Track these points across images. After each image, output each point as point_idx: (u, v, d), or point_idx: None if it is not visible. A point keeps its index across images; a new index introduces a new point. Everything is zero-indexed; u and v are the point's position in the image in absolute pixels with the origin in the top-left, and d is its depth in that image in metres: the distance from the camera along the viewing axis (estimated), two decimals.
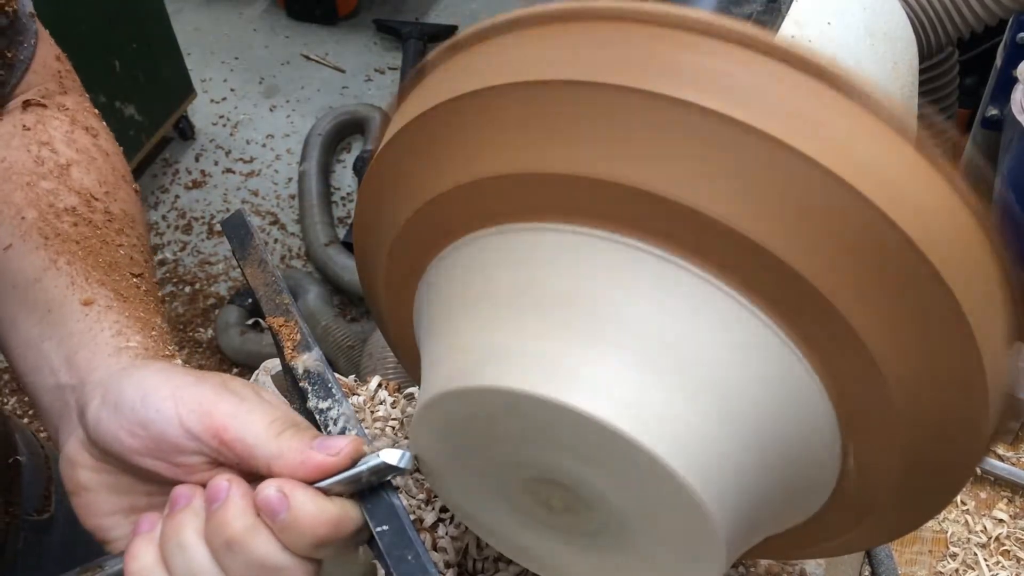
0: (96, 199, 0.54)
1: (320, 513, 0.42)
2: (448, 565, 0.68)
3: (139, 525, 0.44)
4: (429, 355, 0.46)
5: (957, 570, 0.71)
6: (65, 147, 0.56)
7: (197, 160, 2.55)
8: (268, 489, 0.42)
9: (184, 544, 0.42)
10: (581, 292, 0.40)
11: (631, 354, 0.39)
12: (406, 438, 0.75)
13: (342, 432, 0.45)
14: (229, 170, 2.52)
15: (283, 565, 0.42)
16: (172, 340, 0.51)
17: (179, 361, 0.49)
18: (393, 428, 0.78)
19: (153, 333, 0.49)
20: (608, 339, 0.39)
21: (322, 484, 0.43)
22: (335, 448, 0.43)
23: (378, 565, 0.66)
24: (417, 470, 0.47)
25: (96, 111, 0.61)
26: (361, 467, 0.43)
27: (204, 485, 0.44)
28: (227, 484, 0.43)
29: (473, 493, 0.48)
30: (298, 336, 0.49)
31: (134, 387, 0.44)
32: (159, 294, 0.55)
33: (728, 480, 0.39)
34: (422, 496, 0.73)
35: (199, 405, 0.43)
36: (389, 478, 0.43)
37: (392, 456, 0.43)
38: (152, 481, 0.45)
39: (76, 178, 0.55)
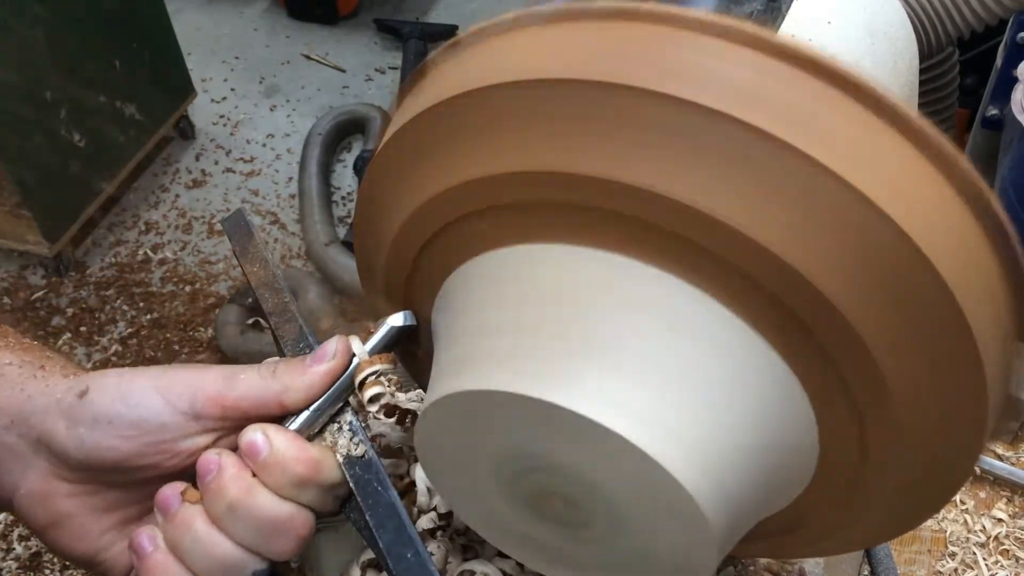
0: None
1: (300, 451, 0.43)
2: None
3: (140, 546, 0.43)
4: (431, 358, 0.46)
5: (956, 569, 0.71)
6: None
7: (197, 160, 2.55)
8: (250, 434, 0.43)
9: (199, 536, 0.42)
10: (582, 293, 0.40)
11: (629, 358, 0.39)
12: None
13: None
14: (229, 170, 2.52)
15: (285, 515, 0.43)
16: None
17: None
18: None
19: (49, 355, 0.47)
20: (604, 341, 0.39)
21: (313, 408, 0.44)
22: (328, 353, 0.45)
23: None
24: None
25: None
26: (379, 333, 0.47)
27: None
28: (216, 456, 0.43)
29: (474, 492, 0.48)
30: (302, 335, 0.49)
31: (106, 395, 0.43)
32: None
33: (720, 477, 0.39)
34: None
35: (186, 387, 0.43)
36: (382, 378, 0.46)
37: (397, 319, 0.47)
38: (143, 486, 0.45)
39: None
